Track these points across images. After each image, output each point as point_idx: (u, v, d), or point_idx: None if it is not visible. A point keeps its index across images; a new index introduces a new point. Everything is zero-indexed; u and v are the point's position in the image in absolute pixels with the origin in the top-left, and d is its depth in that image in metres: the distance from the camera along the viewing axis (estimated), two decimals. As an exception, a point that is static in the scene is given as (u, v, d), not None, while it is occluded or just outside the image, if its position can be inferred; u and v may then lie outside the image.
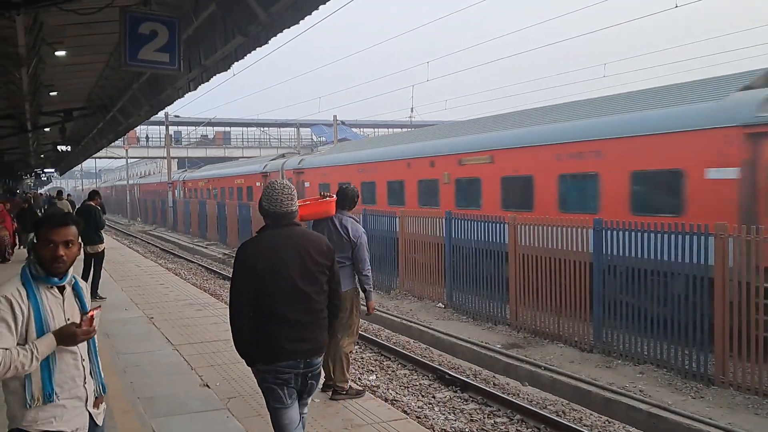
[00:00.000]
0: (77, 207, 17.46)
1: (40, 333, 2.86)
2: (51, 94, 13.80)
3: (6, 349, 2.76)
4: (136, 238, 36.31)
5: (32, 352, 2.79)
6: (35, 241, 3.02)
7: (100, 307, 3.09)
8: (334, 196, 6.45)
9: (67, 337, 2.89)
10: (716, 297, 8.62)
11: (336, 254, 5.51)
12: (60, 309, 2.98)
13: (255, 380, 4.09)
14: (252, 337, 3.79)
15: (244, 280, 3.75)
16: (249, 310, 3.75)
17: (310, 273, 3.82)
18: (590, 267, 10.42)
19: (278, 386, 3.84)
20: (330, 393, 6.27)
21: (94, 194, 12.70)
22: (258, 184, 29.72)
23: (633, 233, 9.77)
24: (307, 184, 24.76)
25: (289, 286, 3.75)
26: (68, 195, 29.05)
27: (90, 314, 2.96)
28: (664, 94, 11.68)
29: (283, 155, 31.57)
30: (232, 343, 3.92)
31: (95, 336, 3.21)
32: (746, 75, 10.58)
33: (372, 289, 6.45)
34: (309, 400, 4.13)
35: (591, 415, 7.91)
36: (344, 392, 6.21)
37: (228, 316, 3.88)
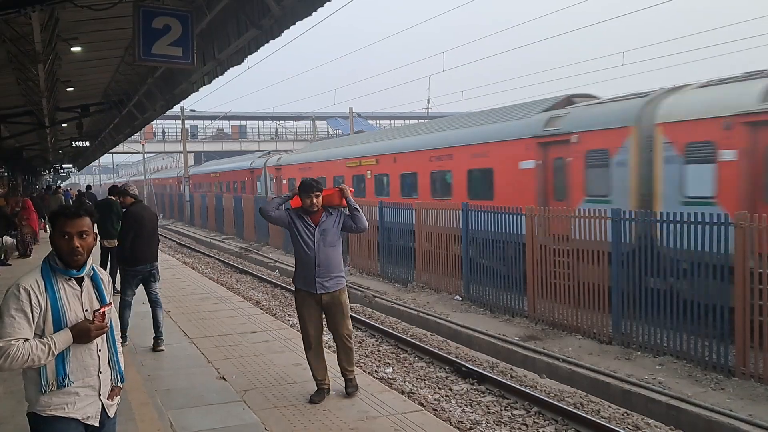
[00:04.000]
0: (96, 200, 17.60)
1: (57, 325, 2.90)
2: (68, 89, 13.91)
3: (26, 339, 2.81)
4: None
5: (49, 347, 2.83)
6: (53, 234, 3.04)
7: (111, 303, 3.10)
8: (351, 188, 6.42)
9: (81, 333, 2.93)
10: (736, 287, 8.51)
11: None
12: (78, 301, 3.00)
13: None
14: (129, 251, 7.71)
15: (131, 223, 7.77)
16: (130, 238, 7.66)
17: (154, 223, 8.16)
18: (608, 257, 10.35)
19: (133, 278, 7.88)
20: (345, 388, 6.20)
21: (114, 190, 12.76)
22: (248, 179, 34.20)
23: (650, 224, 9.71)
24: (284, 178, 28.80)
25: (148, 229, 7.88)
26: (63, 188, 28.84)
27: (101, 310, 2.98)
28: (502, 113, 15.95)
29: (268, 152, 35.77)
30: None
31: (116, 328, 3.24)
32: (551, 100, 14.52)
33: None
34: (157, 285, 8.07)
35: (609, 407, 7.84)
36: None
37: None
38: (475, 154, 15.48)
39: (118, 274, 12.00)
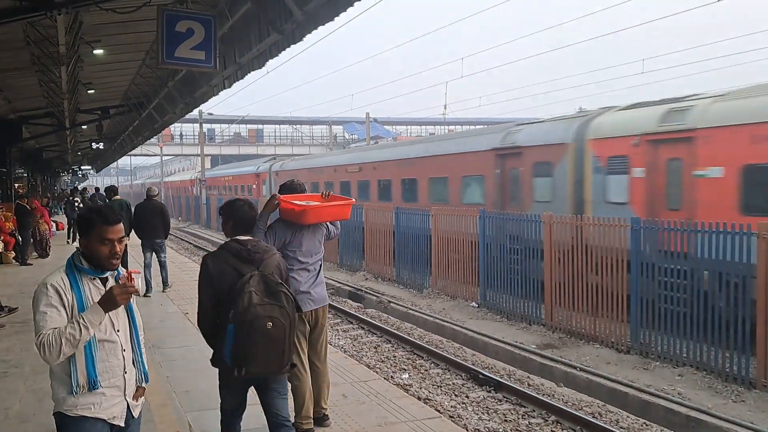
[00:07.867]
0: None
1: None
2: (89, 92, 14.05)
3: (55, 328, 2.81)
4: (170, 234, 36.76)
5: (79, 323, 2.81)
6: (86, 238, 3.01)
7: (139, 271, 3.05)
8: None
9: (108, 299, 2.90)
10: (759, 298, 8.41)
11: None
12: None
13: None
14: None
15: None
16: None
17: None
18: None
19: (146, 249, 11.60)
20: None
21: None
22: (255, 182, 36.60)
23: (670, 232, 9.63)
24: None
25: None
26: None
27: (129, 272, 2.95)
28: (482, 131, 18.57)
29: (273, 157, 39.48)
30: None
31: (140, 328, 3.24)
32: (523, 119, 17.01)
33: None
34: (164, 254, 11.76)
35: (628, 417, 7.76)
36: None
37: None
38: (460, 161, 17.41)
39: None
